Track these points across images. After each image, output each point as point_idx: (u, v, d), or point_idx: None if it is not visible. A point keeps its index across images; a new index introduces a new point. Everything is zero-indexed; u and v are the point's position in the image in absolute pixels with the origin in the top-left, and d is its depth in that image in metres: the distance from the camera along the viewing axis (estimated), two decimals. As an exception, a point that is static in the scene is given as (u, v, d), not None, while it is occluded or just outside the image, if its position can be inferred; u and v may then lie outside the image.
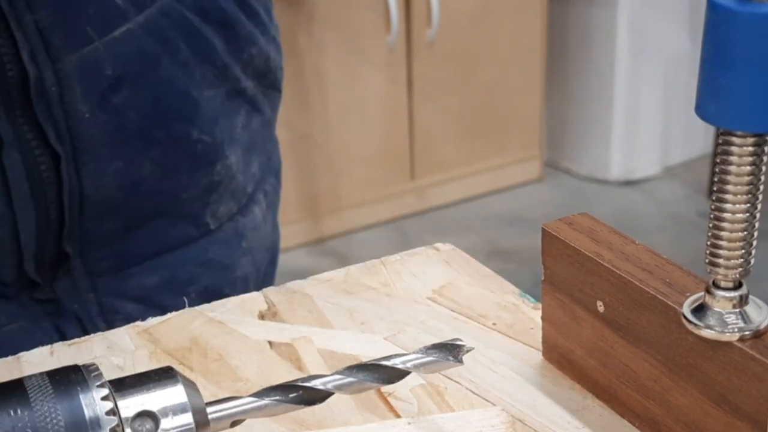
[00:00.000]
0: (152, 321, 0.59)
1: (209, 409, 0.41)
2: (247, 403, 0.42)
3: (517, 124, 2.88)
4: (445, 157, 2.79)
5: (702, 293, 0.43)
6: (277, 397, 0.42)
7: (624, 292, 0.46)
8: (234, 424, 0.42)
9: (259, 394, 0.42)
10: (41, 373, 0.40)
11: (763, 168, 0.39)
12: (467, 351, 0.45)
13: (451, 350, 0.44)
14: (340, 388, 0.43)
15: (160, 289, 0.76)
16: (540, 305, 0.54)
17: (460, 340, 0.45)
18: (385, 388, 0.51)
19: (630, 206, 2.85)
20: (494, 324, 0.57)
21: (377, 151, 2.68)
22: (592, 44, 2.87)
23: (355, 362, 0.44)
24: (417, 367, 0.44)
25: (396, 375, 0.43)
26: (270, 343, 0.57)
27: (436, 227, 2.74)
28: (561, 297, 0.50)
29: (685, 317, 0.42)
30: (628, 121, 2.91)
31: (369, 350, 0.55)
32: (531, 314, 0.58)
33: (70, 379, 0.39)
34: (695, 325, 0.42)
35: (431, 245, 0.65)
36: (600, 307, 0.48)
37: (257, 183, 0.81)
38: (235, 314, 0.60)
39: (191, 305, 0.61)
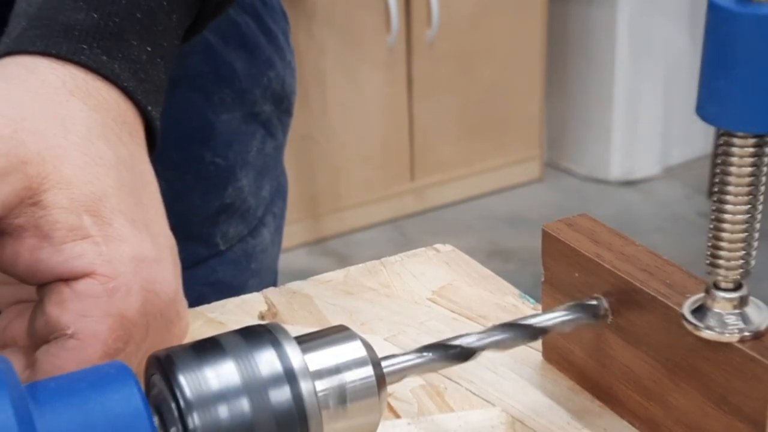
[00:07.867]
0: (152, 321, 0.59)
1: (384, 363, 0.42)
2: (412, 358, 0.43)
3: (517, 124, 2.88)
4: (444, 157, 2.79)
5: (702, 294, 0.43)
6: (436, 354, 0.44)
7: (624, 293, 0.46)
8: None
9: (420, 350, 0.44)
10: (232, 331, 0.41)
11: (764, 169, 0.39)
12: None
13: (587, 310, 0.46)
14: (495, 345, 0.44)
15: None
16: (540, 306, 0.54)
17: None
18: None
19: (630, 206, 2.85)
20: (494, 325, 0.57)
21: (377, 151, 2.68)
22: (592, 44, 2.88)
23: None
24: (556, 326, 0.45)
25: (536, 333, 0.45)
26: (270, 343, 0.57)
27: (436, 227, 2.74)
28: (561, 298, 0.50)
29: (685, 318, 0.42)
30: (628, 121, 2.91)
31: (369, 351, 0.55)
32: (531, 315, 0.58)
33: (260, 334, 0.40)
34: (695, 326, 0.42)
35: (431, 246, 0.65)
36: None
37: (267, 206, 0.81)
38: (235, 315, 0.59)
39: None
